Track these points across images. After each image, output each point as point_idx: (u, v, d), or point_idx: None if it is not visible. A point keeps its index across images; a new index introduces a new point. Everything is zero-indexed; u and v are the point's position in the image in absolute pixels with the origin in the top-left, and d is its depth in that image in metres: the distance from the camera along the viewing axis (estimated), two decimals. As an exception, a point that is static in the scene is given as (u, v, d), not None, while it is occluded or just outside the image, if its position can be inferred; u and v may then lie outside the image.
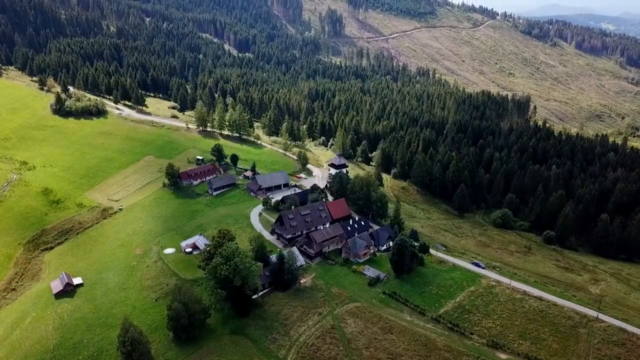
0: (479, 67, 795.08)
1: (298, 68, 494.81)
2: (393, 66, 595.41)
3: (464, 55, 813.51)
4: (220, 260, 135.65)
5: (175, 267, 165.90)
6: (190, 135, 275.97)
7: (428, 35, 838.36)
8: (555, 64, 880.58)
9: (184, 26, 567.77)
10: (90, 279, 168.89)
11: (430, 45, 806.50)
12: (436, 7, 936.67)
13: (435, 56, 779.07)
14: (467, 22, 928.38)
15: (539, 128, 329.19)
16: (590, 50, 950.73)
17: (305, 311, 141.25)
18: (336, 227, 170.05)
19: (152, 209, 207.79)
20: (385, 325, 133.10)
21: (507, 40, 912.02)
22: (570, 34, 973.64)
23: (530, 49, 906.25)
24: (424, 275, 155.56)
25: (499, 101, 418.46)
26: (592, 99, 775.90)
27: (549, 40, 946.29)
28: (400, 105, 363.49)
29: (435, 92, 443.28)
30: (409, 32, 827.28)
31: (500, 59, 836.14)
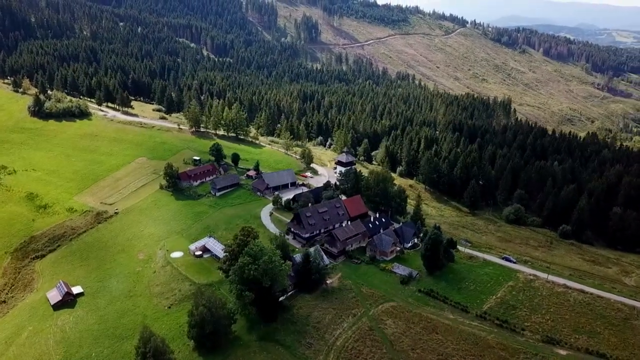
0: (453, 73, 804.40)
1: (280, 72, 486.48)
2: (373, 71, 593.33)
3: (438, 61, 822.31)
4: (247, 260, 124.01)
5: (187, 271, 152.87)
6: (183, 136, 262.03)
7: (402, 42, 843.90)
8: (525, 70, 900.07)
9: (159, 31, 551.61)
10: (91, 288, 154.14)
11: (405, 52, 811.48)
12: (408, 15, 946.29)
13: (410, 62, 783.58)
14: (439, 30, 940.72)
15: (533, 126, 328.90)
16: (557, 57, 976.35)
17: (338, 313, 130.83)
18: (358, 225, 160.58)
19: (151, 211, 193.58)
20: (428, 325, 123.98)
21: (478, 47, 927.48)
22: (537, 41, 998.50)
23: (500, 56, 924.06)
24: (456, 271, 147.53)
25: (485, 102, 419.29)
26: (563, 104, 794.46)
27: (518, 48, 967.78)
28: (391, 106, 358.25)
29: (420, 94, 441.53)
30: (383, 39, 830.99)
31: (473, 65, 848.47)
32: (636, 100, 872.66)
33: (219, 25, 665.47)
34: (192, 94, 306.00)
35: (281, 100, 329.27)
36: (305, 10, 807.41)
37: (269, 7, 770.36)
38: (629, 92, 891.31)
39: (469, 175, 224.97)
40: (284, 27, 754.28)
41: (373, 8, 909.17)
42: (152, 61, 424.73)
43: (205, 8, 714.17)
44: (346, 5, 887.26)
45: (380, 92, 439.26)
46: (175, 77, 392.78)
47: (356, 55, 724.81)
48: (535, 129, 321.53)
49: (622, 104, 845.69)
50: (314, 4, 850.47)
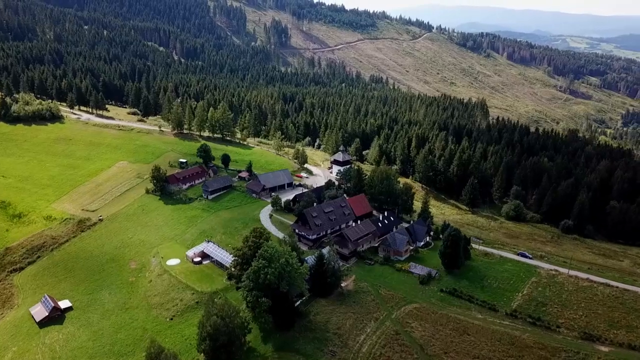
0: (422, 76, 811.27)
1: (255, 75, 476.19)
2: (347, 74, 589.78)
3: (408, 65, 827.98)
4: (262, 263, 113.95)
5: (187, 279, 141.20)
6: (165, 138, 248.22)
7: (372, 46, 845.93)
8: (491, 74, 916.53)
9: (126, 34, 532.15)
10: (80, 301, 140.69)
11: (375, 56, 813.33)
12: (376, 20, 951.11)
13: (380, 67, 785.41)
14: (407, 35, 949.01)
15: (515, 125, 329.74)
16: (520, 61, 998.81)
17: (359, 318, 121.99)
18: (367, 224, 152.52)
19: (139, 217, 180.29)
20: (458, 326, 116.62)
21: (445, 51, 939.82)
22: (501, 46, 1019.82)
23: (466, 60, 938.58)
24: (475, 269, 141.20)
25: (465, 103, 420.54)
26: (528, 106, 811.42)
27: (483, 52, 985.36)
28: (373, 107, 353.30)
29: (398, 96, 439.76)
30: (353, 43, 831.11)
31: (441, 69, 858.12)
32: (596, 102, 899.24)
33: (187, 29, 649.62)
34: (170, 96, 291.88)
35: (262, 102, 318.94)
36: (274, 15, 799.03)
37: (237, 12, 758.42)
38: (590, 94, 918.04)
39: (465, 172, 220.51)
40: (254, 31, 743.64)
41: (341, 13, 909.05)
42: (122, 64, 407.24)
43: (172, 12, 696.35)
44: (314, 10, 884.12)
45: (358, 94, 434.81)
46: (147, 80, 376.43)
47: (327, 59, 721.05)
48: (519, 127, 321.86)
49: (584, 105, 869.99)
50: (283, 9, 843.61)
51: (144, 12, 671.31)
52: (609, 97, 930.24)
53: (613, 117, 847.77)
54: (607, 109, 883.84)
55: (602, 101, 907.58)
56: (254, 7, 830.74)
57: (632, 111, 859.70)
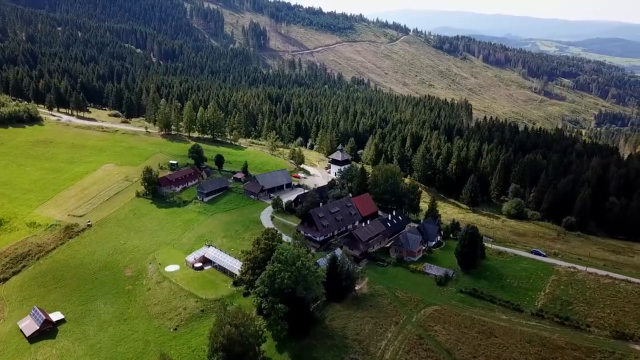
0: (401, 79, 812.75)
1: (237, 76, 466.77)
2: (329, 76, 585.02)
3: (387, 68, 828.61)
4: (278, 267, 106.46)
5: (189, 286, 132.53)
6: (153, 139, 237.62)
7: (350, 49, 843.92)
8: (468, 76, 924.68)
9: (102, 36, 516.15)
10: (73, 313, 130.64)
11: (354, 59, 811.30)
12: (353, 22, 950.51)
13: (360, 69, 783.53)
14: (384, 37, 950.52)
15: (503, 123, 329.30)
16: (495, 63, 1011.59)
17: (378, 322, 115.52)
18: (377, 224, 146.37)
19: (131, 222, 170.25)
20: (484, 328, 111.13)
21: (423, 54, 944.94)
22: (476, 48, 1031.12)
23: (444, 62, 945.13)
24: (491, 268, 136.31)
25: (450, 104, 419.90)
26: (505, 107, 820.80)
27: (459, 55, 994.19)
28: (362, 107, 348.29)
29: (383, 97, 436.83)
30: (332, 46, 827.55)
31: (419, 72, 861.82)
32: (570, 103, 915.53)
33: (163, 32, 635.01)
34: (154, 96, 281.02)
35: (249, 103, 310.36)
36: (252, 17, 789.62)
37: (214, 14, 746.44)
38: (563, 95, 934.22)
39: (464, 171, 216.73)
40: (232, 33, 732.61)
41: (319, 16, 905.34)
42: (100, 66, 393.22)
43: (148, 14, 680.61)
44: (292, 12, 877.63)
45: (342, 95, 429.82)
46: (127, 82, 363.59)
47: (307, 62, 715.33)
48: (508, 126, 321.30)
49: (558, 106, 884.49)
50: (260, 11, 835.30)
51: (119, 13, 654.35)
52: (581, 98, 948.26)
53: (586, 118, 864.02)
54: (580, 109, 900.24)
55: (576, 102, 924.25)
56: (231, 9, 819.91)
57: (604, 112, 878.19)
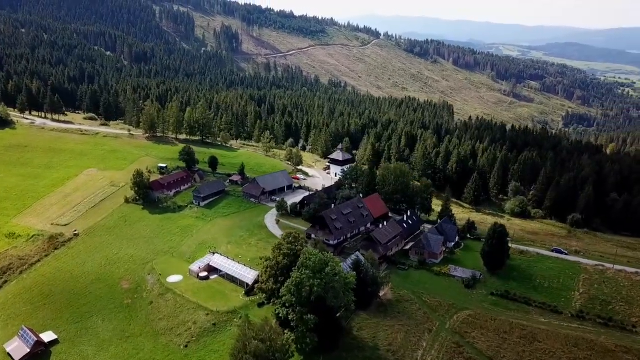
0: (375, 82, 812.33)
1: (214, 78, 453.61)
2: (306, 79, 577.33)
3: (360, 71, 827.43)
4: (307, 274, 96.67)
5: (196, 297, 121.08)
6: (137, 142, 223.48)
7: (323, 52, 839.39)
8: (439, 79, 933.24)
9: (69, 38, 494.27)
10: (67, 332, 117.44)
11: (327, 62, 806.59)
12: (325, 26, 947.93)
13: (334, 72, 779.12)
14: (356, 41, 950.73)
15: (490, 123, 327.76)
16: (465, 66, 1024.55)
17: (410, 330, 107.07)
18: (394, 225, 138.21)
19: (122, 230, 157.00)
20: (524, 333, 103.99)
21: (394, 57, 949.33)
22: (446, 52, 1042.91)
23: (415, 66, 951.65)
24: (517, 268, 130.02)
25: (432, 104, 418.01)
26: (477, 109, 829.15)
27: (430, 58, 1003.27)
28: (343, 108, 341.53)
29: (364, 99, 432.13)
30: (305, 49, 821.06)
31: (392, 75, 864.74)
32: (538, 105, 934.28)
33: (133, 34, 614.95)
34: (135, 98, 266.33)
35: (233, 104, 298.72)
36: (223, 20, 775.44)
37: (184, 17, 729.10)
38: (532, 97, 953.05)
39: (464, 170, 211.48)
40: (203, 37, 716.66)
41: (291, 19, 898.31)
42: (70, 68, 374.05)
43: (116, 17, 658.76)
44: (264, 15, 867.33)
45: (324, 97, 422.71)
46: (100, 84, 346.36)
47: (281, 65, 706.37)
48: (494, 125, 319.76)
49: (528, 108, 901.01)
50: (231, 14, 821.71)
51: (85, 16, 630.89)
52: (549, 100, 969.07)
53: (554, 119, 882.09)
54: (548, 111, 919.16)
55: (544, 104, 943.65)
56: (201, 12, 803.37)
57: (571, 112, 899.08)
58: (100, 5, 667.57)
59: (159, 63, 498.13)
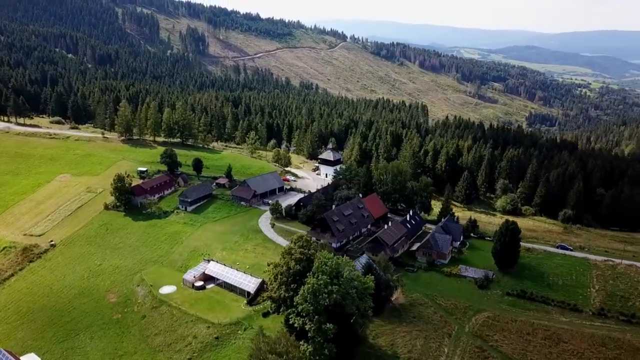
0: (344, 84, 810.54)
1: (184, 81, 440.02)
2: (277, 81, 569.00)
3: (329, 74, 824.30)
4: (324, 280, 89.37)
5: (194, 309, 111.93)
6: (112, 145, 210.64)
7: (291, 55, 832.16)
8: (406, 81, 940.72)
9: (27, 39, 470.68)
10: (52, 354, 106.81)
11: (296, 65, 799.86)
12: (292, 29, 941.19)
13: (303, 75, 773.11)
14: (323, 44, 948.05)
15: (468, 122, 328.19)
16: (431, 69, 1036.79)
17: (428, 336, 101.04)
18: (398, 226, 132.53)
19: (104, 239, 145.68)
20: (548, 334, 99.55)
21: (362, 60, 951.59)
22: (412, 54, 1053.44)
23: (382, 68, 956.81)
24: (527, 266, 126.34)
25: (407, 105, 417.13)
26: (444, 111, 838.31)
27: (397, 61, 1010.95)
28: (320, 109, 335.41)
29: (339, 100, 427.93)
30: (272, 52, 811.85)
31: (360, 78, 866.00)
32: (502, 105, 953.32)
33: (95, 37, 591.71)
34: (105, 100, 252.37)
35: (209, 105, 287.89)
36: (188, 23, 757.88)
37: (148, 19, 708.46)
38: (496, 99, 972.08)
39: (454, 168, 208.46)
40: (168, 39, 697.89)
41: (257, 22, 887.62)
42: (30, 70, 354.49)
43: (76, 18, 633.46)
44: (230, 18, 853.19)
45: (298, 98, 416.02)
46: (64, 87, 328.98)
47: (249, 67, 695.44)
48: (472, 124, 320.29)
49: (492, 108, 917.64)
50: (197, 17, 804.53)
51: (43, 17, 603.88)
52: (512, 100, 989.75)
53: (518, 119, 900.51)
54: (512, 111, 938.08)
55: (507, 104, 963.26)
56: (165, 14, 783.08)
57: (534, 113, 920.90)
58: (59, 7, 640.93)
59: (124, 65, 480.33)
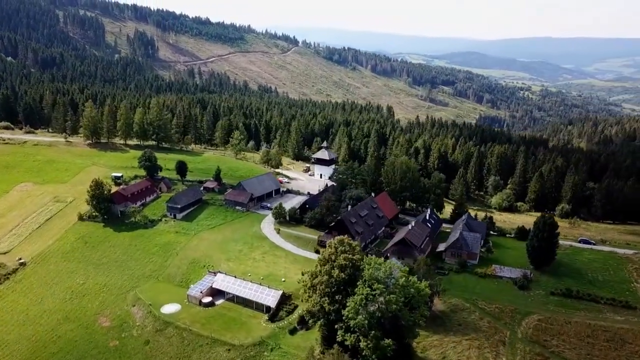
0: (300, 89, 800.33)
1: (139, 84, 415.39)
2: (235, 84, 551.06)
3: (284, 78, 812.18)
4: (380, 288, 77.17)
5: (207, 330, 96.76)
6: (78, 150, 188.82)
7: (245, 59, 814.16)
8: (360, 86, 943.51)
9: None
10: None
11: (250, 69, 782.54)
12: (243, 33, 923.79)
13: (257, 79, 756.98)
14: (276, 48, 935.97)
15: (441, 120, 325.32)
16: (383, 73, 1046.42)
17: (481, 345, 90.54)
18: (421, 226, 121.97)
19: (84, 253, 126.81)
20: (609, 335, 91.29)
21: (315, 65, 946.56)
22: (364, 59, 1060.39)
23: (336, 73, 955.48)
24: (560, 263, 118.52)
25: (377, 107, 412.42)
26: (399, 114, 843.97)
27: (349, 65, 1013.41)
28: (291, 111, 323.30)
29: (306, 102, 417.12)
30: (225, 56, 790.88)
31: (315, 82, 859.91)
32: (453, 108, 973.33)
33: (35, 39, 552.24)
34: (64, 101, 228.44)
35: (175, 107, 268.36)
36: (136, 26, 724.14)
37: (92, 22, 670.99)
38: (446, 102, 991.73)
39: (446, 165, 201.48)
40: (115, 43, 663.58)
41: (207, 25, 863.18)
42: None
43: (13, 20, 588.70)
44: (179, 22, 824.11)
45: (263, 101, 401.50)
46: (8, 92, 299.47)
47: (203, 72, 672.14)
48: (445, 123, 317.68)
49: (444, 112, 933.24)
50: (144, 20, 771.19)
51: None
52: (462, 103, 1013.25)
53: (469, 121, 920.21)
54: (463, 114, 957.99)
55: (458, 107, 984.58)
56: (110, 17, 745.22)
57: (483, 115, 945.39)
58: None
59: (71, 69, 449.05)
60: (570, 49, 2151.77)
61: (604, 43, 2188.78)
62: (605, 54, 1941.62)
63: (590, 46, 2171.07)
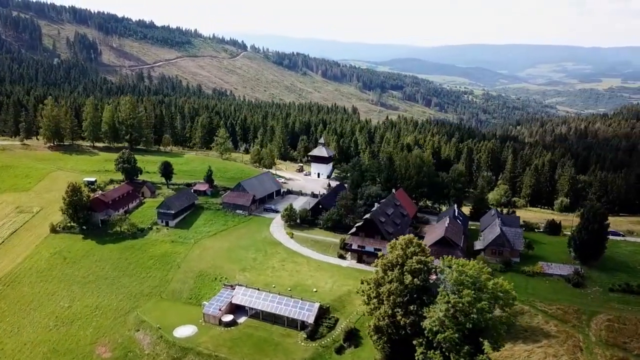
0: (252, 93, 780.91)
1: (88, 87, 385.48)
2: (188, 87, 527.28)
3: (234, 83, 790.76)
4: (470, 294, 64.68)
5: (236, 355, 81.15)
6: (38, 154, 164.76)
7: (193, 64, 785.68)
8: (312, 90, 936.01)
9: None
10: None
11: (199, 74, 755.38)
12: (190, 37, 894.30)
13: (207, 84, 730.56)
14: (225, 53, 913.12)
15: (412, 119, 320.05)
16: (333, 78, 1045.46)
17: (557, 352, 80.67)
18: (455, 223, 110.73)
19: (64, 271, 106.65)
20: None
21: (265, 69, 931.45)
22: (314, 64, 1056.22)
23: (287, 78, 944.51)
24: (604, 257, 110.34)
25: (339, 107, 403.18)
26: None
27: (300, 70, 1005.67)
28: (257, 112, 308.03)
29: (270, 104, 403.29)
30: (172, 60, 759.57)
31: (267, 87, 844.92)
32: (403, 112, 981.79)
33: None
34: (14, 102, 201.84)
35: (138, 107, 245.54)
36: (76, 29, 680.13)
37: (27, 24, 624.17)
38: (397, 106, 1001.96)
39: (439, 161, 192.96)
40: (53, 46, 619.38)
41: (152, 29, 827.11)
42: None
43: None
44: (122, 25, 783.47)
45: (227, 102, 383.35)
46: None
47: (152, 76, 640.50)
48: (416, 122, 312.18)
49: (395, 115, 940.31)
50: (85, 23, 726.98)
51: None
52: (411, 107, 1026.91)
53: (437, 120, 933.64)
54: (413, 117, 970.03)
55: (408, 111, 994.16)
56: (47, 20, 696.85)
57: (432, 117, 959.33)
58: None
59: (8, 72, 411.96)
60: (503, 55, 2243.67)
61: (534, 49, 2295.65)
62: (535, 59, 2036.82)
63: (521, 52, 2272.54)
